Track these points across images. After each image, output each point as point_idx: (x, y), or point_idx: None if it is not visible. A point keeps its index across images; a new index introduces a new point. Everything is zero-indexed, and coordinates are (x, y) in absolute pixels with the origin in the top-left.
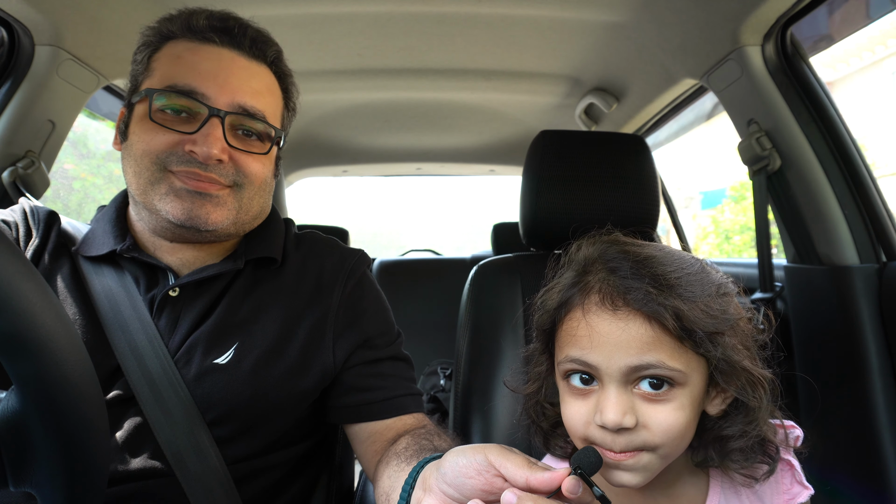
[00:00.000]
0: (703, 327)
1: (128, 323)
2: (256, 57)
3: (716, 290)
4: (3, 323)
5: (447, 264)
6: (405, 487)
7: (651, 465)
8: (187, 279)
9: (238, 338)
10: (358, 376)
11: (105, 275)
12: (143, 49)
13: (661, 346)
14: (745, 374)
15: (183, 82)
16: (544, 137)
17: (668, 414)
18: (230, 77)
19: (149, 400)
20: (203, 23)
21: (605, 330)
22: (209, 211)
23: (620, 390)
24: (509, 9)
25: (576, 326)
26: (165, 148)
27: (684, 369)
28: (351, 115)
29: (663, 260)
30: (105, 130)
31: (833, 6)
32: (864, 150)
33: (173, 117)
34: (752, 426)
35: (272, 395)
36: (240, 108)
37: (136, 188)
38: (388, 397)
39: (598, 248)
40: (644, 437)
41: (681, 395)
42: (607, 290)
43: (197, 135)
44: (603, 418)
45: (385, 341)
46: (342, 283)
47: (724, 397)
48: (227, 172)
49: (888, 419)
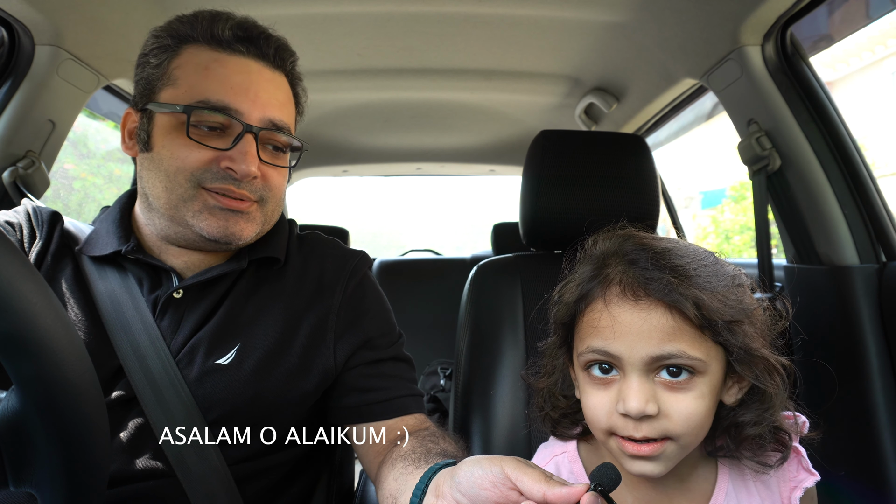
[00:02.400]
0: (722, 316)
1: (130, 324)
2: (279, 67)
3: (731, 280)
4: (4, 323)
5: (447, 264)
6: (416, 493)
7: (672, 454)
8: (192, 280)
9: (240, 339)
10: (359, 377)
11: (108, 275)
12: (158, 52)
13: (682, 335)
14: (763, 362)
15: (216, 97)
16: (544, 137)
17: (688, 402)
18: (260, 91)
19: (150, 401)
20: (228, 33)
21: (628, 320)
22: (242, 227)
23: (643, 379)
24: (509, 9)
25: (598, 318)
26: (201, 164)
27: (704, 358)
28: (351, 115)
29: (680, 252)
30: (105, 130)
31: (833, 6)
32: (864, 150)
33: (207, 133)
34: (767, 413)
35: (273, 396)
36: (270, 124)
37: (166, 203)
38: (389, 398)
39: (616, 241)
40: (665, 426)
41: (700, 383)
42: (628, 282)
43: (233, 151)
44: (626, 406)
45: (386, 342)
46: (343, 283)
47: (741, 387)
48: (256, 188)
49: (888, 419)
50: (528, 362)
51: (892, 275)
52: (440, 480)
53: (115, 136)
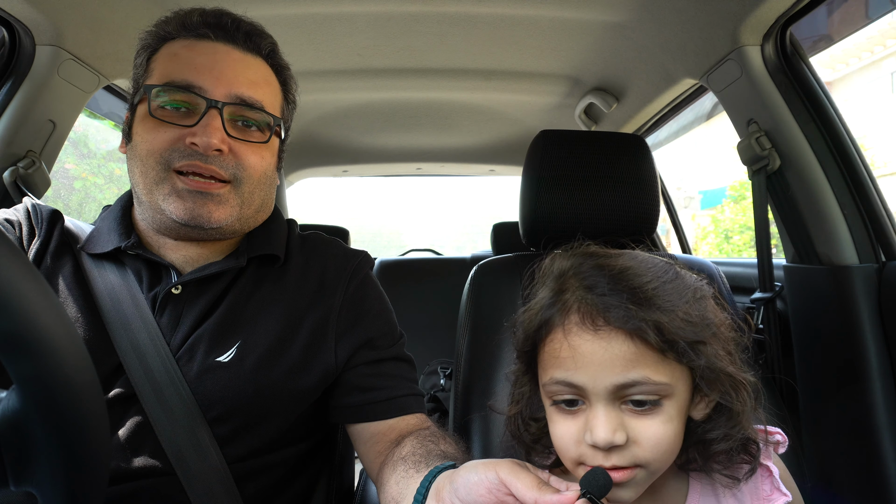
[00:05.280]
0: (684, 337)
1: (129, 321)
2: (251, 50)
3: (692, 294)
4: (4, 322)
5: (447, 264)
6: (417, 497)
7: (642, 480)
8: (190, 277)
9: (240, 336)
10: (360, 376)
11: (107, 272)
12: (142, 52)
13: (644, 361)
14: (729, 380)
15: (180, 77)
16: (544, 137)
17: (657, 428)
18: (226, 69)
19: (150, 398)
20: (197, 19)
21: (588, 350)
22: (211, 210)
23: (609, 408)
24: (509, 9)
25: (558, 348)
26: (168, 144)
27: (669, 381)
28: (351, 115)
29: (639, 270)
30: (105, 130)
31: (833, 6)
32: (864, 150)
33: (173, 112)
34: (735, 430)
35: (274, 394)
36: (237, 99)
37: (143, 188)
38: (390, 397)
39: (572, 261)
40: (635, 453)
41: (668, 406)
42: (587, 310)
43: (196, 127)
44: (594, 437)
45: (387, 342)
46: (345, 283)
47: (708, 402)
48: (226, 164)
49: (888, 419)
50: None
51: (892, 274)
52: (440, 485)
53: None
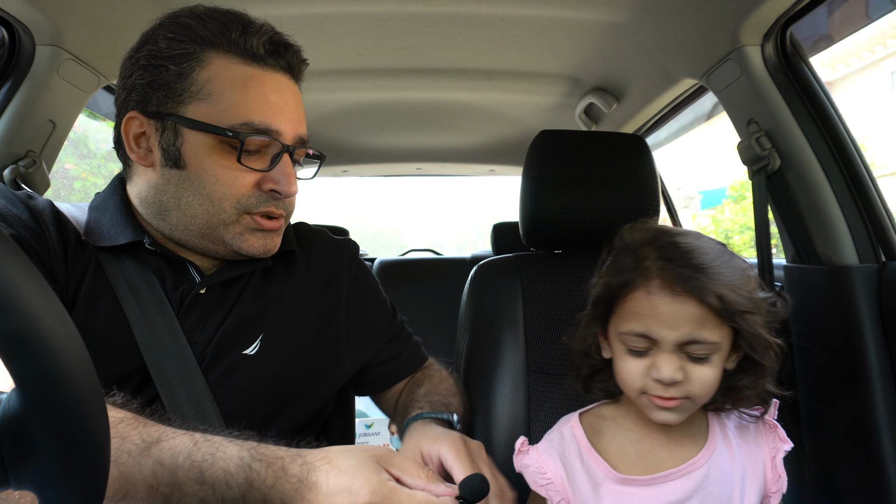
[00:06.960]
0: (739, 306)
1: (154, 321)
2: (299, 79)
3: (743, 273)
4: (4, 322)
5: (447, 264)
6: (406, 425)
7: (688, 408)
8: (218, 278)
9: (262, 328)
10: (383, 354)
11: (127, 267)
12: (180, 59)
13: (706, 322)
14: (764, 342)
15: (259, 119)
16: (544, 137)
17: (705, 371)
18: (294, 109)
19: (171, 396)
20: (261, 50)
21: (666, 310)
22: (276, 243)
23: (673, 353)
24: (509, 9)
25: (640, 305)
26: (246, 191)
27: (720, 340)
28: (351, 115)
29: (704, 250)
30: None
31: (833, 6)
32: (864, 149)
33: (248, 155)
34: (762, 381)
35: (299, 383)
36: (300, 141)
37: (204, 224)
38: (411, 355)
39: (649, 233)
40: (687, 388)
41: (715, 357)
42: (667, 277)
43: (274, 173)
44: (661, 374)
45: (390, 318)
46: (347, 270)
47: (738, 355)
48: (289, 204)
49: (888, 419)
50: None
51: (892, 274)
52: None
53: None
